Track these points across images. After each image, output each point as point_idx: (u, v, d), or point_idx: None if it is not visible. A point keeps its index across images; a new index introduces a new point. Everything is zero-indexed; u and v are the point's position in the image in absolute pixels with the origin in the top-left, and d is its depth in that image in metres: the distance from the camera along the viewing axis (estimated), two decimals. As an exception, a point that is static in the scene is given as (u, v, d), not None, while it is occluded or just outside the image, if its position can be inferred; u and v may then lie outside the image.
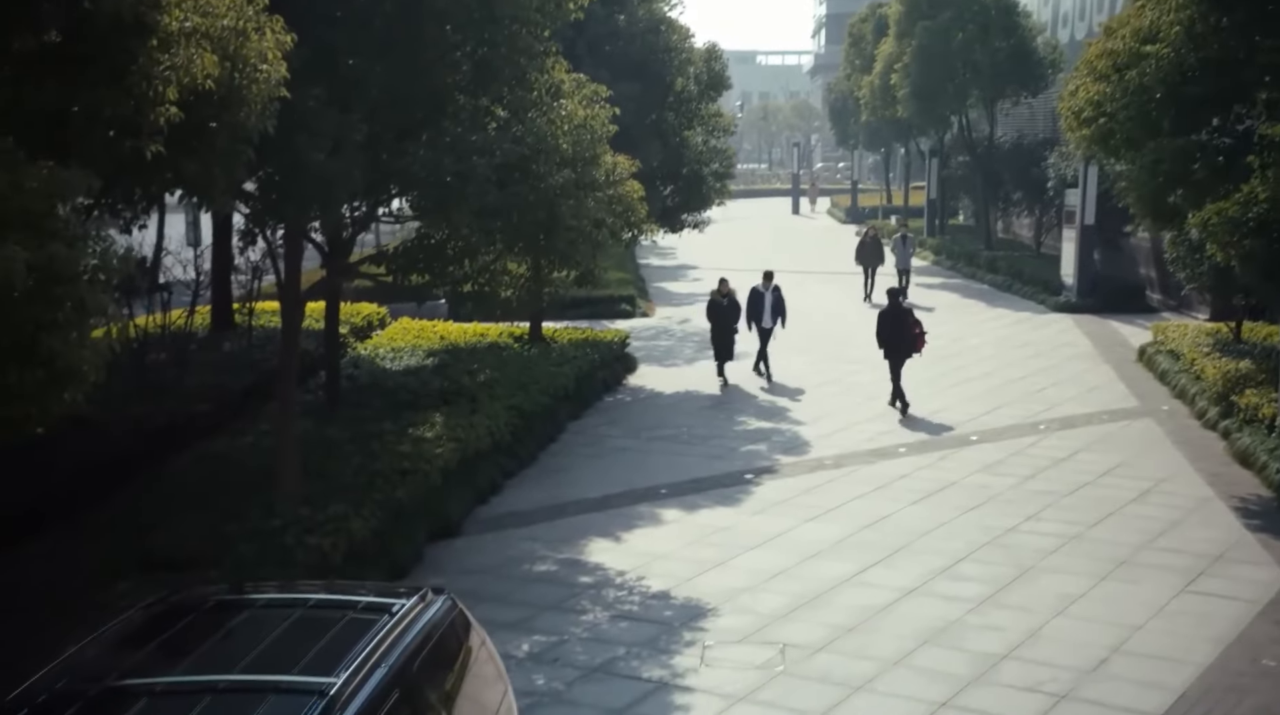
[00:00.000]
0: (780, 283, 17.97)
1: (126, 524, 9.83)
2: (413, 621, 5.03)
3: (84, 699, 4.20)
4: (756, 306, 17.73)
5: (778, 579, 9.83)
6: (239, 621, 5.01)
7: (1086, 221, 22.49)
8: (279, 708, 4.16)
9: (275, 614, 5.07)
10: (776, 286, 17.88)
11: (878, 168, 59.43)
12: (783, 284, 17.83)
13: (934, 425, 14.87)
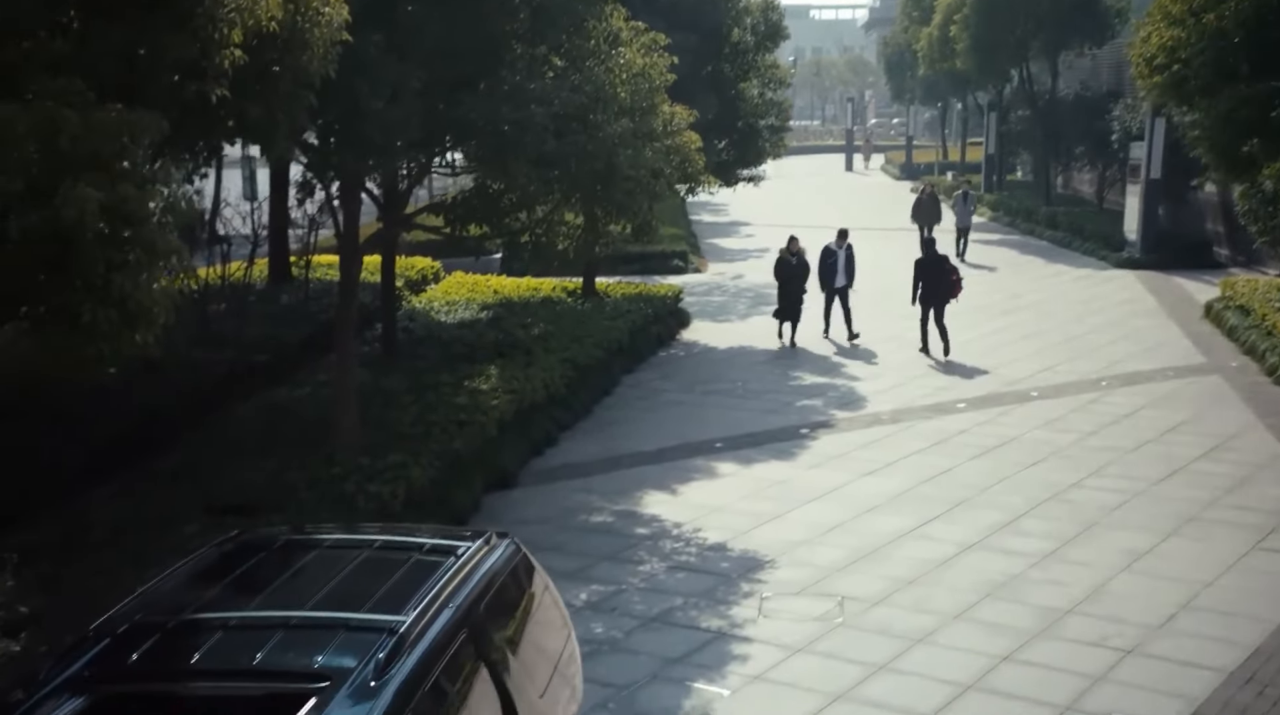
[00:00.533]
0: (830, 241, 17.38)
1: (190, 470, 9.98)
2: (478, 564, 5.04)
3: (162, 630, 4.26)
4: (829, 266, 17.01)
5: (835, 532, 9.77)
6: (308, 560, 5.05)
7: (1152, 175, 21.91)
8: (349, 644, 4.18)
9: (342, 554, 5.10)
10: (850, 245, 17.19)
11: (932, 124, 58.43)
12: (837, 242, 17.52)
13: (993, 381, 14.65)
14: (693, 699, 7.15)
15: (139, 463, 10.17)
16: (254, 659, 4.08)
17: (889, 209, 33.18)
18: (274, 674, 4.04)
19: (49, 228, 4.76)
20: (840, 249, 17.10)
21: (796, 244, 16.99)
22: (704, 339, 17.72)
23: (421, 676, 4.12)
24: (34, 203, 4.77)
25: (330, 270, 17.50)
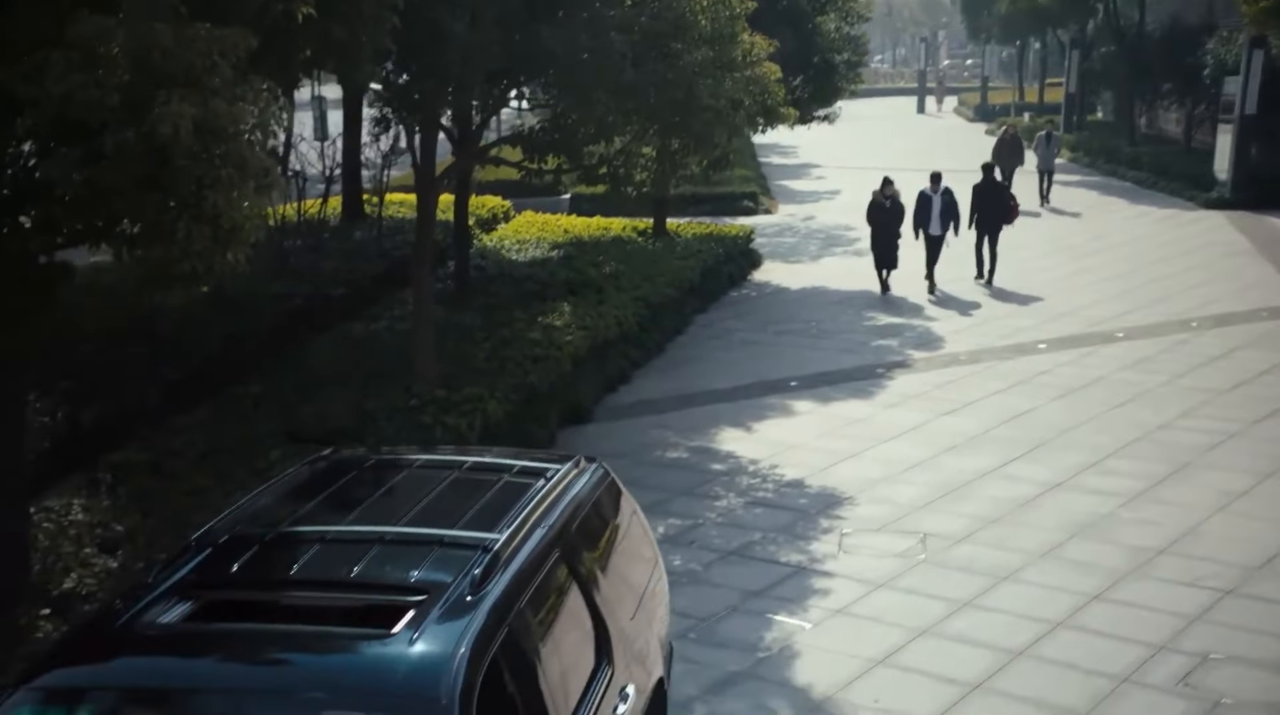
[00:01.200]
0: (904, 185, 16.71)
1: (271, 399, 10.11)
2: (569, 486, 5.01)
3: (260, 542, 4.30)
4: (924, 211, 16.14)
5: (914, 470, 9.63)
6: (399, 479, 5.06)
7: (1247, 110, 20.99)
8: (444, 560, 4.18)
9: (433, 474, 5.11)
10: (947, 189, 16.25)
11: (1008, 65, 56.79)
12: (907, 185, 17.02)
13: (1076, 322, 14.28)
14: (774, 631, 7.11)
15: (221, 391, 10.31)
16: (351, 571, 4.10)
17: (963, 151, 32.27)
18: (371, 586, 4.06)
19: (144, 144, 4.75)
20: (935, 194, 16.15)
21: (891, 187, 16.12)
22: (776, 280, 17.50)
23: (516, 593, 4.11)
24: (129, 118, 4.75)
25: (402, 208, 17.57)
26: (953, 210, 16.10)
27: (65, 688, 3.60)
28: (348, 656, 3.71)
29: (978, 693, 6.30)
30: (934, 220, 16.09)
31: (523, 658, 3.99)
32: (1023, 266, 17.30)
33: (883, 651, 6.78)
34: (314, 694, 3.58)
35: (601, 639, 4.64)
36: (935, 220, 16.08)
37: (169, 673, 3.69)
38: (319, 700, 3.55)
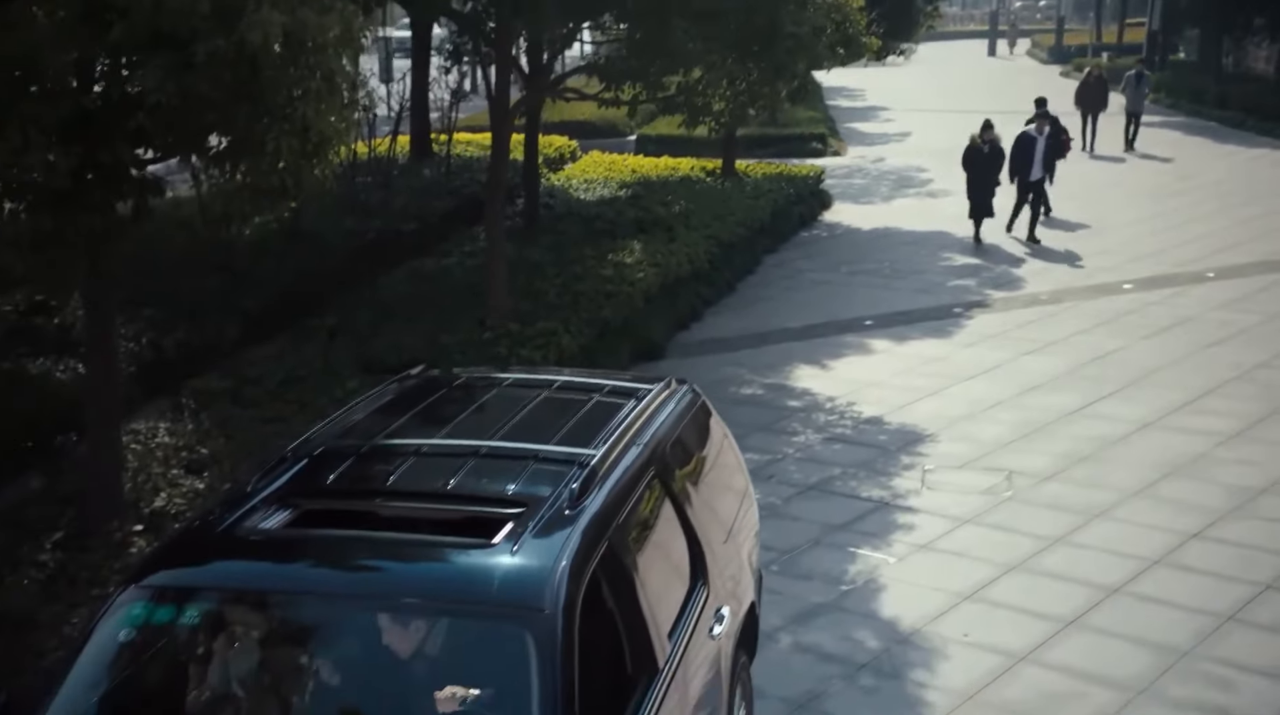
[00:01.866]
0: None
1: (346, 330, 10.13)
2: (661, 406, 4.91)
3: (355, 454, 4.25)
4: (1024, 154, 14.92)
5: (997, 408, 9.41)
6: (490, 397, 4.99)
7: None
8: (541, 474, 4.10)
9: (523, 392, 5.03)
10: (1055, 124, 15.20)
11: (1082, 6, 55.03)
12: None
13: (1162, 262, 13.84)
14: (857, 564, 6.99)
15: (296, 323, 10.36)
16: (447, 483, 4.04)
17: (1036, 94, 31.46)
18: (468, 498, 4.00)
19: (234, 52, 4.67)
20: (1041, 135, 14.98)
21: (991, 131, 14.95)
22: (847, 220, 17.18)
23: (615, 509, 4.02)
24: (219, 27, 4.67)
25: (469, 147, 17.51)
26: (1058, 152, 14.99)
27: (172, 586, 3.59)
28: (449, 564, 3.65)
29: (1072, 628, 6.15)
30: (1035, 164, 14.92)
31: (622, 573, 3.91)
32: (1105, 209, 16.80)
33: (971, 586, 6.64)
34: (416, 600, 3.53)
35: (697, 559, 4.56)
36: (1037, 164, 14.93)
37: (273, 575, 3.68)
38: (421, 606, 3.51)
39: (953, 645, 6.08)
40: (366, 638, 3.51)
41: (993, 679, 5.77)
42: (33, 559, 5.72)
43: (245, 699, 3.41)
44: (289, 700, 3.44)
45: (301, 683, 3.45)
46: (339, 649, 3.54)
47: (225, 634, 3.48)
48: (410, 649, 3.47)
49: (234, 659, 3.44)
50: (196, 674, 3.43)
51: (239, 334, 9.61)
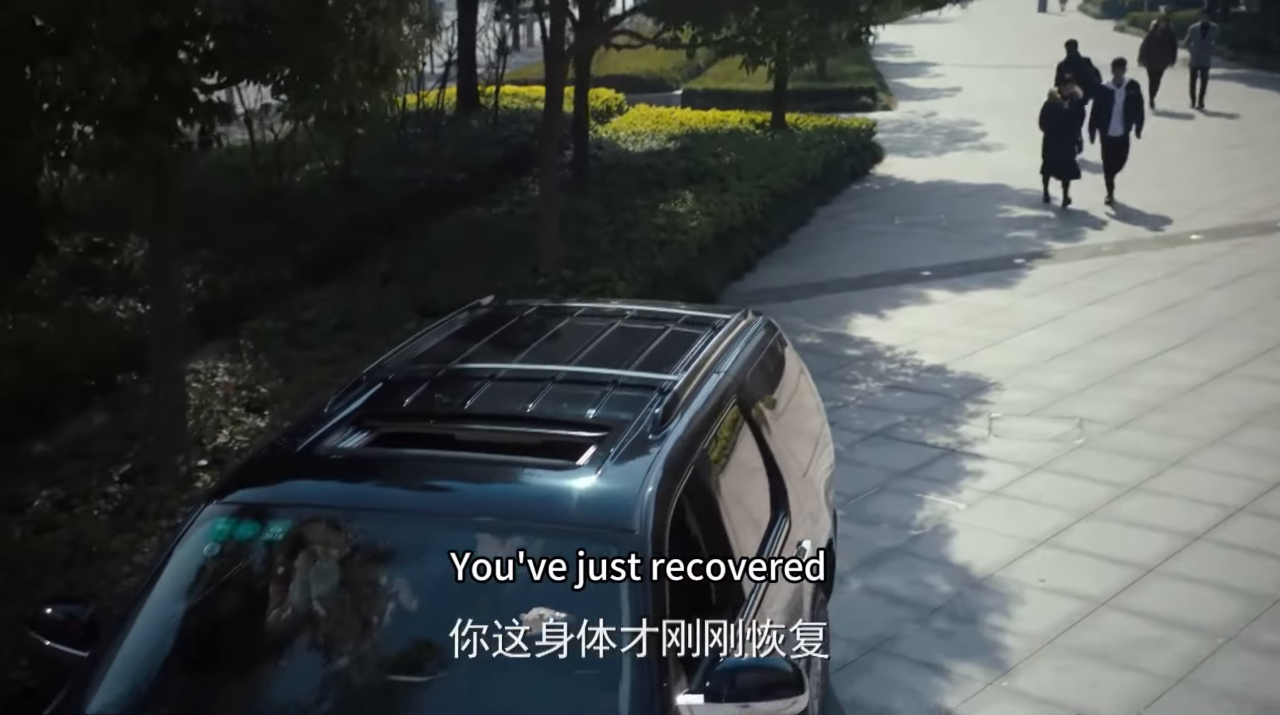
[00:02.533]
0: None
1: (399, 276, 10.05)
2: (739, 335, 4.76)
3: (431, 378, 4.15)
4: (1103, 109, 13.91)
5: (1063, 358, 9.17)
6: (563, 325, 4.86)
7: None
8: (622, 399, 3.98)
9: (597, 322, 4.90)
10: (1133, 81, 14.18)
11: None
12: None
13: (1229, 213, 13.45)
14: (926, 509, 6.84)
15: (349, 269, 10.29)
16: (526, 407, 3.92)
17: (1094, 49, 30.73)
18: (548, 421, 3.88)
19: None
20: (1119, 88, 13.98)
21: (1070, 86, 14.03)
22: (899, 173, 16.86)
23: (699, 435, 3.90)
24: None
25: (515, 99, 17.34)
26: (1137, 107, 14.04)
27: (255, 503, 3.52)
28: (535, 485, 3.55)
29: (1153, 575, 5.97)
30: (1115, 119, 13.89)
31: (707, 500, 3.79)
32: (1169, 163, 16.34)
33: (1045, 532, 6.47)
34: (501, 520, 3.43)
35: (778, 490, 4.43)
36: (1117, 119, 13.89)
37: (355, 493, 3.59)
38: (506, 526, 3.40)
39: (1029, 590, 5.93)
40: (449, 558, 3.41)
41: (1072, 624, 5.62)
42: (102, 491, 5.70)
43: (326, 617, 3.34)
44: (369, 619, 3.36)
45: (382, 602, 3.37)
46: (421, 569, 3.45)
47: (307, 552, 3.40)
48: (494, 572, 3.36)
49: (315, 577, 3.36)
50: (277, 591, 3.36)
51: (293, 278, 9.55)
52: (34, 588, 4.69)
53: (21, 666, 4.19)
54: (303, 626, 3.32)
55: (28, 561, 4.92)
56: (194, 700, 3.25)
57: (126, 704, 3.18)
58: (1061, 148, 13.79)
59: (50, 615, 3.38)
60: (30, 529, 5.29)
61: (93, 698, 3.14)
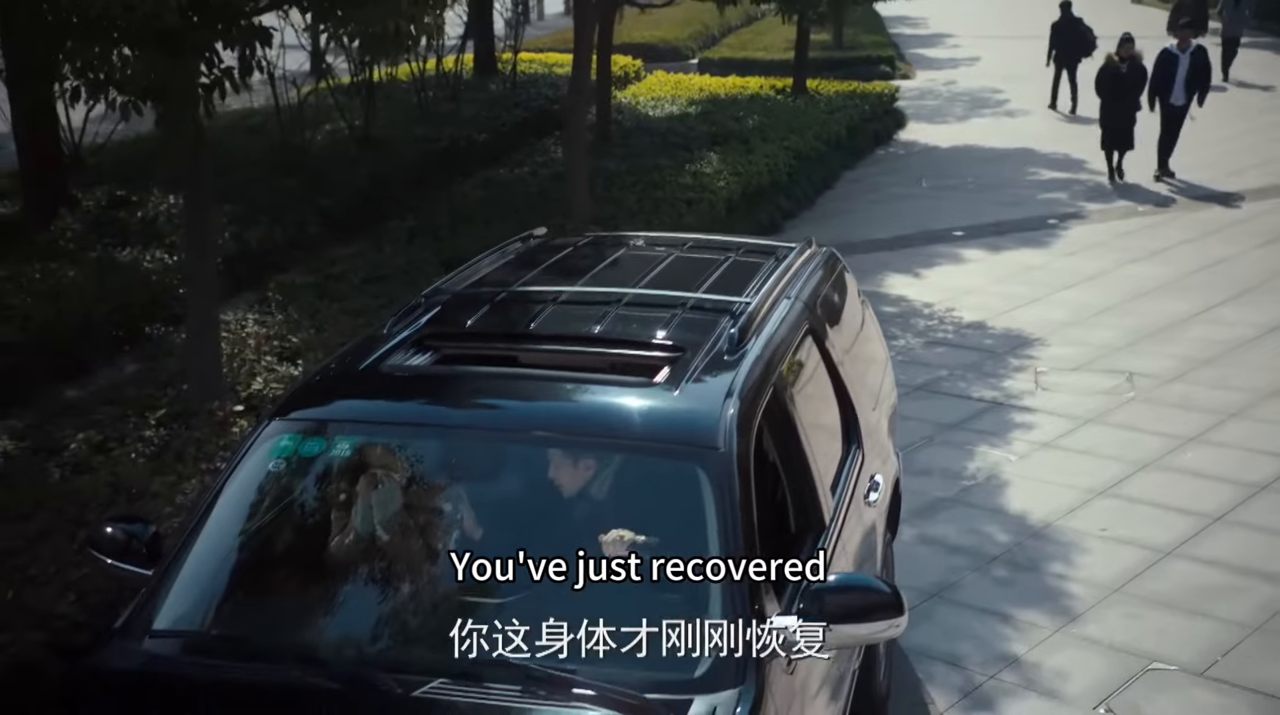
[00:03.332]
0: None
1: (426, 232, 9.87)
2: (805, 264, 4.57)
3: (492, 300, 3.96)
4: (1165, 74, 12.78)
5: (1106, 314, 8.98)
6: (621, 254, 4.67)
7: None
8: (691, 322, 3.78)
9: (655, 251, 4.72)
10: (1200, 47, 13.05)
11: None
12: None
13: (1266, 174, 13.20)
14: (977, 461, 6.67)
15: (374, 225, 10.11)
16: (593, 328, 3.72)
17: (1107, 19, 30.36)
18: (617, 342, 3.68)
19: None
20: (1184, 53, 12.88)
21: (1130, 47, 12.95)
22: (923, 139, 16.61)
23: (775, 358, 3.70)
24: None
25: (533, 65, 17.11)
26: (1203, 75, 12.87)
27: (320, 419, 3.36)
28: (612, 402, 3.34)
29: (1220, 525, 5.80)
30: (1177, 87, 12.78)
31: (787, 423, 3.61)
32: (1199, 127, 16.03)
33: (1103, 483, 6.29)
34: (579, 438, 3.24)
35: (850, 421, 4.25)
36: (1179, 87, 12.78)
37: (424, 410, 3.41)
38: (584, 444, 3.22)
39: (1090, 539, 5.75)
40: (524, 478, 3.24)
41: (1139, 572, 5.44)
42: (138, 434, 5.53)
43: (394, 535, 3.17)
44: (438, 539, 3.18)
45: (452, 522, 3.19)
46: (494, 489, 3.27)
47: (374, 469, 3.22)
48: (570, 491, 3.19)
49: (382, 495, 3.19)
50: (343, 509, 3.18)
51: (319, 233, 9.37)
52: (77, 526, 4.53)
53: (70, 601, 4.04)
54: (370, 546, 3.15)
55: (68, 502, 4.76)
56: (259, 618, 3.11)
57: (192, 621, 3.05)
58: (1120, 115, 12.83)
59: (111, 534, 3.23)
60: (69, 470, 5.13)
61: (158, 614, 3.01)
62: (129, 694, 2.86)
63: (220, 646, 2.98)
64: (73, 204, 8.77)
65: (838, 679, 3.52)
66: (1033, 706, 4.59)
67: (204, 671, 2.88)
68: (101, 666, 2.94)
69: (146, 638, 2.94)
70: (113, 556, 3.18)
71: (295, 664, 2.85)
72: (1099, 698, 4.61)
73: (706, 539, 2.99)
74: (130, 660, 2.91)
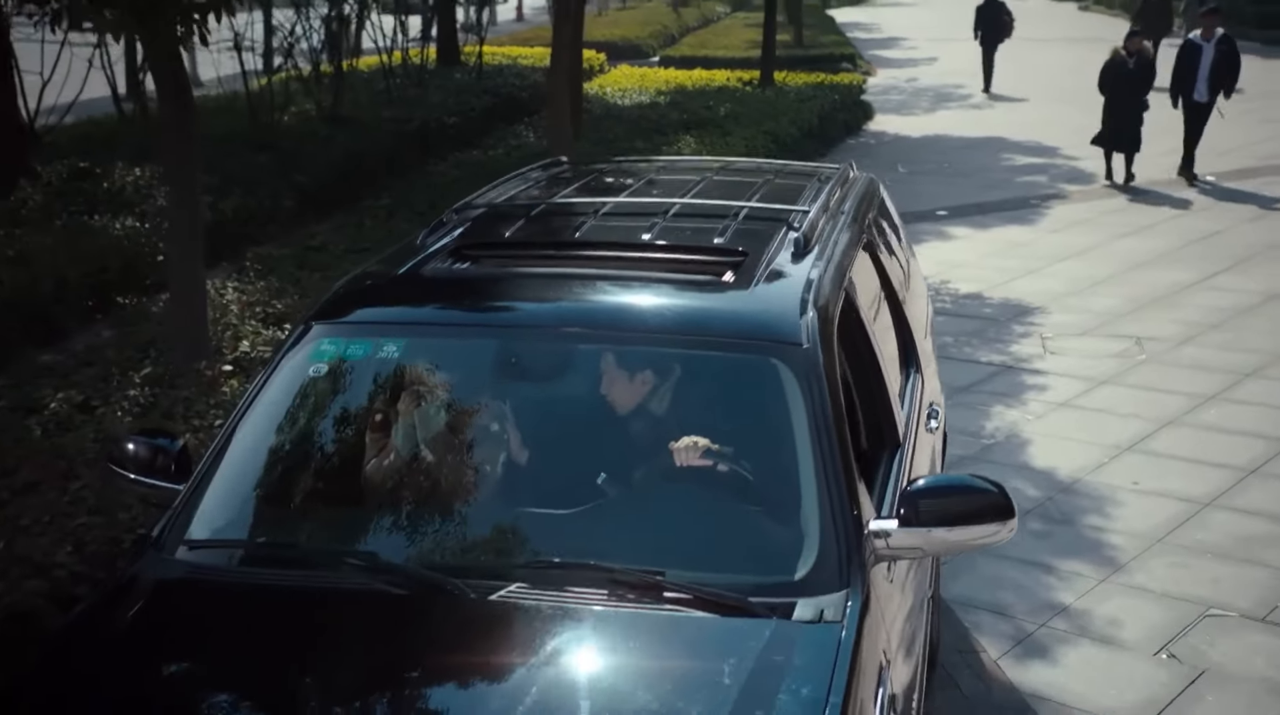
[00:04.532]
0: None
1: (403, 208, 9.54)
2: (851, 183, 4.32)
3: (527, 214, 3.66)
4: (1188, 68, 11.62)
5: (1105, 285, 8.87)
6: (652, 175, 4.37)
7: None
8: (747, 231, 3.47)
9: (688, 173, 4.44)
10: (1226, 36, 11.72)
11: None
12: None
13: (1244, 157, 13.24)
14: (995, 421, 6.47)
15: (351, 202, 9.76)
16: (643, 237, 3.42)
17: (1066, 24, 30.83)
18: (674, 248, 3.37)
19: None
20: (1208, 44, 11.61)
21: (1137, 40, 11.88)
22: (893, 129, 16.55)
23: (843, 265, 3.43)
24: None
25: (496, 57, 16.87)
26: (1231, 65, 11.58)
27: (365, 322, 3.06)
28: (683, 300, 3.04)
29: (1256, 477, 5.64)
30: (1201, 81, 11.60)
31: (860, 333, 3.36)
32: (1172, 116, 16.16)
33: (1128, 439, 6.12)
34: (651, 336, 2.94)
35: (909, 345, 4.02)
36: (1203, 81, 11.59)
37: (482, 311, 3.10)
38: (659, 339, 2.93)
39: (1123, 493, 5.57)
40: (592, 381, 2.94)
41: (1180, 523, 5.26)
42: (123, 393, 5.15)
43: (449, 443, 2.87)
44: (497, 446, 2.88)
45: (516, 429, 2.89)
46: (559, 393, 2.97)
47: (426, 373, 2.92)
48: (640, 395, 2.90)
49: (433, 403, 2.89)
50: (391, 415, 2.88)
51: (295, 207, 8.99)
52: (66, 480, 4.15)
53: (67, 551, 3.66)
54: (423, 454, 2.85)
55: (54, 458, 4.38)
56: (308, 527, 2.81)
57: (230, 530, 2.74)
58: (1124, 114, 11.68)
59: (135, 449, 2.90)
60: (53, 427, 4.73)
61: (192, 524, 2.69)
62: (173, 602, 2.56)
63: (271, 554, 2.68)
64: (33, 176, 8.32)
65: (922, 599, 3.28)
66: (1089, 653, 4.38)
67: (256, 579, 2.59)
68: (140, 575, 2.62)
69: (184, 548, 2.64)
70: (137, 472, 2.84)
71: (356, 571, 2.54)
72: (1158, 644, 4.41)
73: (795, 440, 2.72)
74: (171, 570, 2.61)
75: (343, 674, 2.27)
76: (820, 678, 2.23)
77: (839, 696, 2.19)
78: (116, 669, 2.32)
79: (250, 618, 2.46)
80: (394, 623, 2.37)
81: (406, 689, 2.25)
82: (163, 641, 2.41)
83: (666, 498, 2.70)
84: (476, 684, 2.29)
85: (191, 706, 2.25)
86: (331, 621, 2.43)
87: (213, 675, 2.33)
